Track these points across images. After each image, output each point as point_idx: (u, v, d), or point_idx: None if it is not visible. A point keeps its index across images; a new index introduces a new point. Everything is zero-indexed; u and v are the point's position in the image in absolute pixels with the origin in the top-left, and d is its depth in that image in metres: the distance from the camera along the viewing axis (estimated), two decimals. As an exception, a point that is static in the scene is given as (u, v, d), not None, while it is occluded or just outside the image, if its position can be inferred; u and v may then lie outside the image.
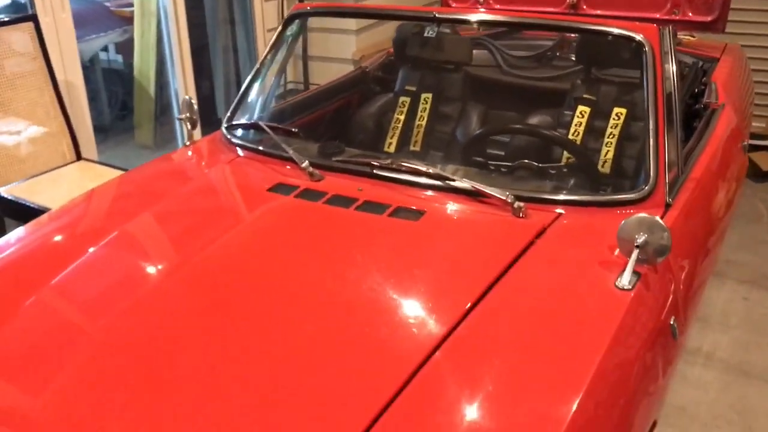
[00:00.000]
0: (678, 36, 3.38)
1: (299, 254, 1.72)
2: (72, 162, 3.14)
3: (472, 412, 1.26)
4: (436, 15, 2.31)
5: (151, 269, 1.77)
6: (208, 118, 4.26)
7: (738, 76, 3.13)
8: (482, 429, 1.23)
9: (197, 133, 2.54)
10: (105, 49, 5.13)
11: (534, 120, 2.65)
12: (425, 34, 2.42)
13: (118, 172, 3.03)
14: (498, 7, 3.51)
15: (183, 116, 2.41)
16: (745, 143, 2.83)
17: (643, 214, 1.60)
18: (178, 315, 1.55)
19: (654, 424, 1.62)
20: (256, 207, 1.95)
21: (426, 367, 1.34)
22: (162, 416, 1.29)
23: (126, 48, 5.04)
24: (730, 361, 2.74)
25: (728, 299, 3.13)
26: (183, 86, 4.01)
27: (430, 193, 1.93)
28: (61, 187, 2.91)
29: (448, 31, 2.68)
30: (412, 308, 1.54)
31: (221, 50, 4.54)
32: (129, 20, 4.81)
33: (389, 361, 1.38)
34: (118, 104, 5.16)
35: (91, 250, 1.80)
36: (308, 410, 1.28)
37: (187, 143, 2.42)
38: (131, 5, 4.76)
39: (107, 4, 4.99)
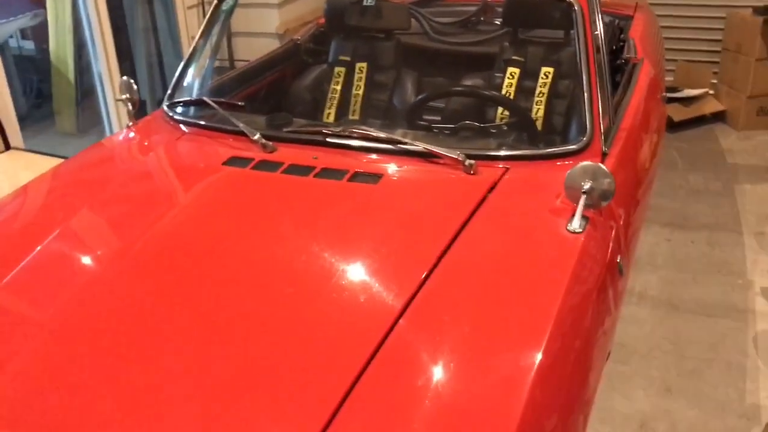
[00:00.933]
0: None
1: (265, 224, 1.76)
2: (1, 152, 3.04)
3: (442, 373, 1.30)
4: (372, -17, 2.36)
5: (106, 255, 1.73)
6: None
7: (651, 31, 3.32)
8: (454, 388, 1.28)
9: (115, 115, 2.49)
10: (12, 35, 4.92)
11: (467, 83, 2.74)
12: (364, 3, 2.46)
13: (52, 160, 2.96)
14: (424, -25, 3.57)
15: (123, 97, 2.38)
16: (664, 94, 3.03)
17: (587, 162, 1.72)
18: (138, 296, 1.54)
19: (608, 355, 1.76)
20: (214, 181, 1.97)
21: (393, 332, 1.38)
22: (115, 399, 1.29)
23: (38, 33, 4.85)
24: (660, 297, 2.96)
25: (654, 242, 3.35)
26: (107, 69, 3.91)
27: (383, 157, 1.99)
28: (-6, 178, 2.83)
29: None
30: (381, 271, 1.59)
31: (141, 30, 4.43)
32: (38, 3, 4.62)
33: (357, 329, 1.40)
34: (33, 92, 4.97)
35: (38, 247, 1.74)
36: (276, 387, 1.28)
37: (129, 124, 2.40)
38: (39, -13, 4.58)
39: (12, -14, 4.77)
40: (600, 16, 2.30)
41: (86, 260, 1.75)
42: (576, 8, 2.13)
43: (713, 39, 4.81)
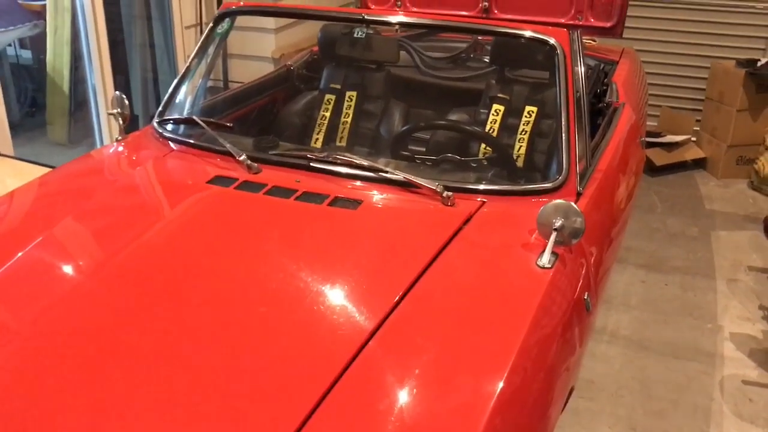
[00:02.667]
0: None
1: (243, 244, 1.80)
2: (-10, 158, 3.07)
3: (406, 395, 1.34)
4: (365, 17, 2.43)
5: (86, 265, 1.76)
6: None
7: (635, 77, 3.42)
8: (417, 411, 1.32)
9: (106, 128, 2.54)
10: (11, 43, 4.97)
11: (452, 117, 2.81)
12: (355, 35, 2.53)
13: (39, 168, 2.99)
14: (415, 9, 3.67)
15: (114, 111, 2.42)
16: (643, 139, 3.11)
17: (559, 200, 1.78)
18: (114, 307, 1.57)
19: (572, 391, 1.81)
20: (198, 199, 2.01)
21: (362, 354, 1.42)
22: (85, 409, 1.31)
23: (36, 43, 4.91)
24: (631, 337, 3.01)
25: (629, 282, 3.41)
26: (101, 82, 3.96)
27: (364, 184, 2.05)
28: (-20, 184, 2.84)
29: (373, 32, 2.80)
30: (353, 294, 1.64)
31: (138, 46, 4.49)
32: (38, 14, 4.68)
33: (327, 349, 1.45)
34: (28, 100, 5.01)
35: (19, 254, 1.76)
36: (245, 403, 1.31)
37: (119, 138, 2.44)
38: (40, -1, 4.64)
39: (14, -4, 4.84)
40: (582, 60, 2.38)
41: (66, 269, 1.78)
42: (558, 51, 2.21)
43: (697, 87, 4.93)
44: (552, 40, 2.23)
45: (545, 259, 1.72)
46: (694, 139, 4.84)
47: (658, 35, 4.96)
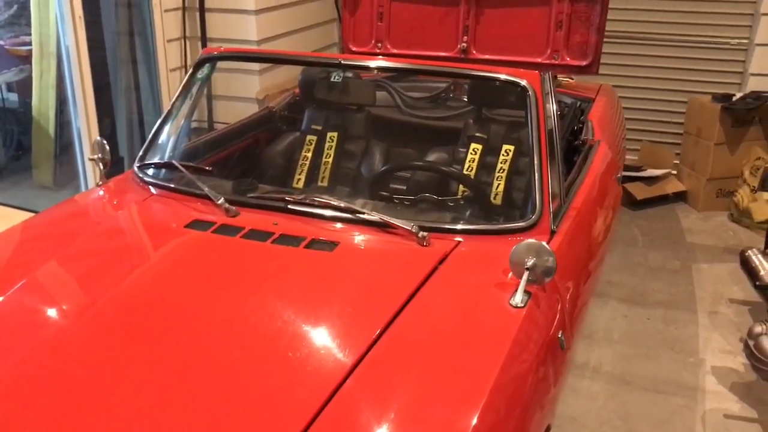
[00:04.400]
0: (558, 78, 3.73)
1: (220, 287, 1.82)
2: (-28, 203, 3.08)
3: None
4: (342, 62, 2.49)
5: (67, 310, 1.78)
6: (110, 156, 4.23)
7: (611, 114, 3.48)
8: None
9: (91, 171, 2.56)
10: (-2, 87, 5.02)
11: (432, 157, 2.86)
12: (332, 79, 2.58)
13: (22, 213, 3.01)
14: (395, 50, 3.74)
15: (95, 157, 2.45)
16: (619, 175, 3.16)
17: (531, 240, 1.81)
18: (94, 351, 1.59)
19: (548, 429, 1.81)
20: (176, 244, 2.03)
21: (339, 393, 1.45)
22: None
23: (22, 87, 4.95)
24: (613, 372, 3.01)
25: (610, 317, 3.43)
26: (86, 126, 3.99)
27: (341, 225, 2.08)
28: (-38, 230, 2.85)
29: (351, 75, 2.86)
30: (329, 335, 1.67)
31: (123, 89, 4.54)
32: (25, 59, 4.74)
33: (305, 387, 1.47)
34: (14, 144, 5.04)
35: (15, 287, 1.81)
36: None
37: (99, 183, 2.47)
38: (27, 44, 4.69)
39: (1, 42, 4.89)
40: (555, 99, 2.43)
41: (48, 313, 1.79)
42: (530, 93, 2.26)
43: (676, 122, 5.01)
44: (523, 82, 2.28)
45: (518, 299, 1.75)
46: (674, 172, 4.90)
47: (636, 71, 5.05)
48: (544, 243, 1.81)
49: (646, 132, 5.11)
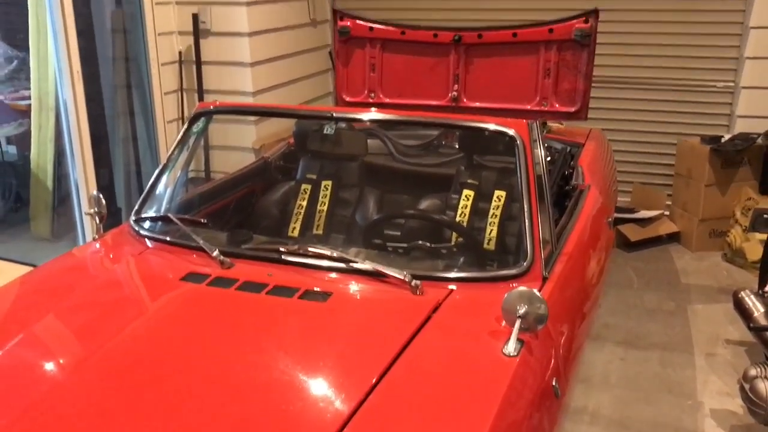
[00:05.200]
0: (548, 124, 3.79)
1: (215, 340, 1.83)
2: (-30, 258, 3.10)
3: None
4: (333, 114, 2.54)
5: (63, 365, 1.79)
6: (107, 207, 4.27)
7: (601, 158, 3.53)
8: None
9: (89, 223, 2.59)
10: (-4, 141, 5.09)
11: (425, 203, 2.89)
12: (324, 131, 2.63)
13: (20, 267, 3.02)
14: (387, 100, 3.82)
15: (92, 211, 2.48)
16: (610, 219, 3.19)
17: (522, 288, 1.83)
18: (93, 405, 1.60)
19: (544, 476, 1.81)
20: (170, 297, 2.05)
21: None
22: None
23: (20, 140, 5.02)
24: (612, 417, 3.00)
25: (607, 360, 3.43)
26: (84, 178, 4.04)
27: (335, 275, 2.10)
28: (-41, 284, 2.86)
29: (344, 126, 2.91)
30: (324, 385, 1.68)
31: (121, 140, 4.60)
32: (24, 113, 4.81)
33: None
34: (12, 196, 5.08)
35: (12, 341, 1.82)
36: None
37: (96, 237, 2.49)
38: (26, 99, 4.77)
39: (0, 97, 4.97)
40: (543, 147, 2.47)
41: (44, 368, 1.79)
42: (518, 141, 2.30)
43: (667, 163, 5.08)
44: (511, 131, 2.33)
45: (511, 347, 1.76)
46: (667, 213, 4.94)
47: (624, 114, 5.13)
48: (536, 290, 1.83)
49: (637, 174, 5.17)
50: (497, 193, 2.74)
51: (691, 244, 4.71)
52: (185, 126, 2.67)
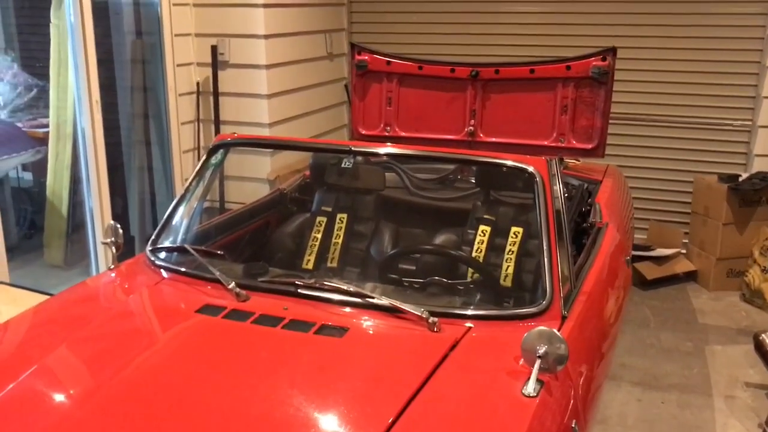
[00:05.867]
0: (565, 160, 3.78)
1: (230, 374, 1.80)
2: (-16, 285, 3.10)
3: None
4: (352, 148, 2.54)
5: (76, 395, 1.77)
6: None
7: (618, 196, 3.51)
8: None
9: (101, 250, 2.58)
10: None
11: (441, 238, 2.87)
12: (342, 165, 2.63)
13: (33, 295, 3.01)
14: (403, 133, 3.82)
15: (108, 240, 2.48)
16: (628, 257, 3.16)
17: (542, 327, 1.80)
18: None
19: None
20: (186, 329, 2.03)
21: None
22: None
23: (36, 167, 5.05)
24: (629, 460, 2.94)
25: (624, 401, 3.36)
26: (99, 206, 4.06)
27: (351, 309, 2.07)
28: (-27, 312, 2.86)
29: (362, 160, 2.91)
30: (341, 424, 1.64)
31: (137, 169, 4.63)
32: (42, 141, 4.85)
33: None
34: (26, 223, 5.10)
35: (11, 385, 1.78)
36: None
37: (111, 266, 2.48)
38: (44, 126, 4.82)
39: (19, 124, 5.03)
40: (562, 185, 2.45)
41: (57, 399, 1.78)
42: (537, 179, 2.28)
43: (684, 201, 5.04)
44: (531, 168, 2.31)
45: (530, 388, 1.72)
46: (683, 252, 4.90)
47: (641, 151, 5.12)
48: (556, 330, 1.80)
49: (653, 211, 5.13)
50: (514, 229, 2.72)
51: (709, 283, 4.65)
52: (204, 157, 2.68)
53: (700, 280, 4.74)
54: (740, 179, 4.57)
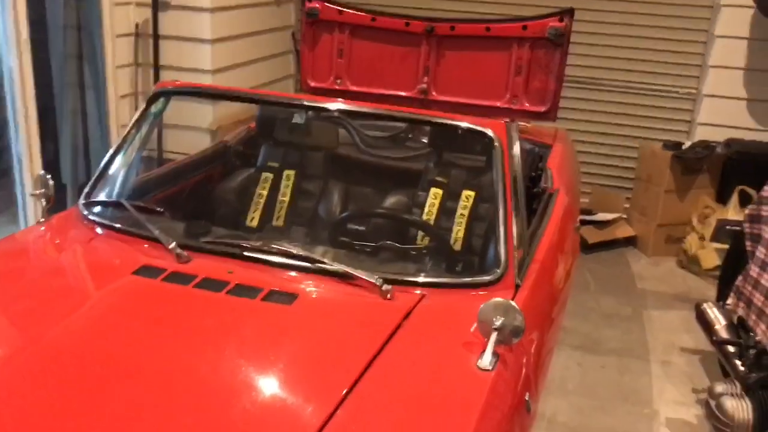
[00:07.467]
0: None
1: (170, 340, 1.70)
2: None
3: None
4: (305, 102, 2.41)
5: (6, 362, 1.65)
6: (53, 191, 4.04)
7: (569, 161, 3.49)
8: None
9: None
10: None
11: (391, 200, 2.80)
12: (293, 121, 2.50)
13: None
14: (354, 88, 3.69)
15: (37, 192, 2.30)
16: (578, 224, 3.15)
17: (498, 299, 1.74)
18: (27, 400, 1.49)
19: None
20: (122, 291, 1.90)
21: None
22: None
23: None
24: (569, 424, 2.97)
25: (564, 365, 3.40)
26: (27, 152, 3.81)
27: (300, 274, 1.98)
28: None
29: (314, 115, 2.78)
30: (291, 394, 1.58)
31: (70, 114, 4.35)
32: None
33: None
34: (-54, 168, 4.77)
35: None
36: None
37: (41, 220, 2.31)
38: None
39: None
40: (518, 149, 2.39)
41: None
42: (496, 143, 2.22)
43: (627, 167, 5.10)
44: (490, 132, 2.24)
45: (486, 361, 1.68)
46: (625, 217, 4.96)
47: (588, 116, 5.13)
48: (513, 302, 1.75)
49: (597, 176, 5.17)
50: (466, 192, 2.67)
51: (648, 248, 4.73)
52: (144, 106, 2.51)
53: (640, 246, 4.82)
54: (683, 147, 4.63)
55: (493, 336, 1.70)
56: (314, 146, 2.81)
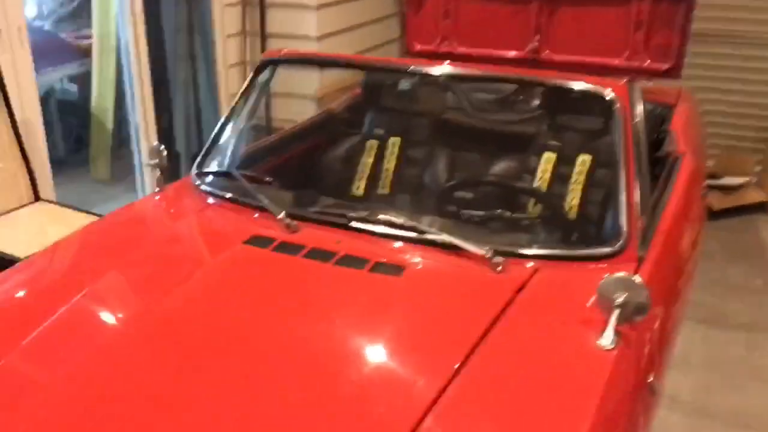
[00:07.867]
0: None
1: (282, 309, 1.70)
2: (30, 203, 3.04)
3: None
4: (411, 68, 2.33)
5: (126, 329, 1.72)
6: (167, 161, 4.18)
7: (694, 123, 3.23)
8: None
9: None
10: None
11: (501, 165, 2.69)
12: (400, 87, 2.43)
13: (79, 215, 2.96)
14: (462, 49, 3.56)
15: (152, 162, 2.36)
16: (705, 190, 2.93)
17: (620, 273, 1.62)
18: (147, 366, 1.54)
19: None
20: (234, 261, 1.92)
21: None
22: None
23: (81, 79, 4.95)
24: (693, 403, 2.79)
25: (688, 340, 3.18)
26: (143, 122, 3.96)
27: (407, 245, 1.93)
28: (20, 231, 2.82)
29: (419, 80, 2.70)
30: (403, 367, 1.55)
31: (182, 85, 4.47)
32: (86, 53, 4.72)
33: (381, 426, 1.36)
34: (73, 137, 5.05)
35: (62, 309, 1.73)
36: None
37: (157, 189, 2.37)
38: (88, 37, 4.68)
39: (63, 35, 4.89)
40: (641, 111, 2.22)
41: (108, 323, 1.76)
42: (617, 105, 2.06)
43: (759, 125, 4.69)
44: (610, 93, 2.09)
45: (607, 339, 1.57)
46: (755, 180, 4.59)
47: (715, 71, 4.75)
48: (638, 277, 1.63)
49: (723, 136, 4.80)
50: (582, 157, 2.52)
51: (780, 215, 4.38)
52: (250, 76, 2.51)
53: (772, 212, 4.47)
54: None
55: (615, 313, 1.59)
56: (420, 112, 2.73)
